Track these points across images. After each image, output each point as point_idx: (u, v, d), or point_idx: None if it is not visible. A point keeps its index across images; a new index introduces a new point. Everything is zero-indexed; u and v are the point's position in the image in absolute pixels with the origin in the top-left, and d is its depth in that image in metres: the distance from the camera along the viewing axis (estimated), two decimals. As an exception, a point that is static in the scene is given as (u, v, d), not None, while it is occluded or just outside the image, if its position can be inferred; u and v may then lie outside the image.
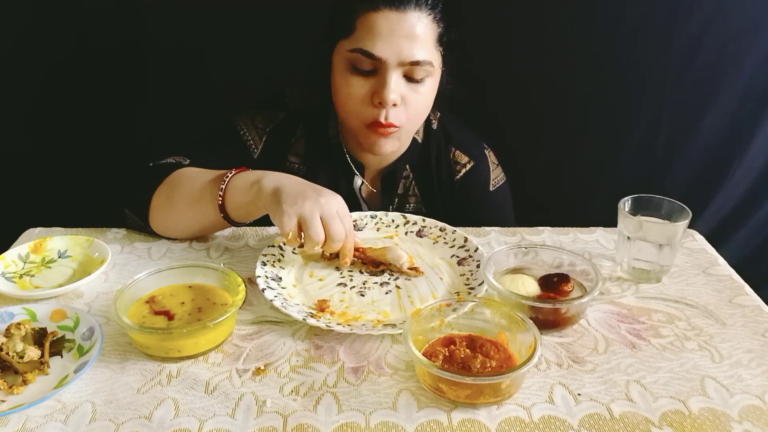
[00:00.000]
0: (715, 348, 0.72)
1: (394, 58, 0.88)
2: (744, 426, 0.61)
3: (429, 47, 0.90)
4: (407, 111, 0.94)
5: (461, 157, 1.11)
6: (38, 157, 1.46)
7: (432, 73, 0.93)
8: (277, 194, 0.79)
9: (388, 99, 0.90)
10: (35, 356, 0.65)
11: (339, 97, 0.95)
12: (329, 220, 0.78)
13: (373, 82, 0.91)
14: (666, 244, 0.83)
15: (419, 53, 0.89)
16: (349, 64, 0.91)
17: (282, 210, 0.77)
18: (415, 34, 0.88)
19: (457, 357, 0.64)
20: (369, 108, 0.93)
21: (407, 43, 0.88)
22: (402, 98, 0.92)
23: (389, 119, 0.92)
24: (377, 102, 0.91)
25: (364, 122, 0.94)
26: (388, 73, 0.89)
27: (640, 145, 1.48)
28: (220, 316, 0.66)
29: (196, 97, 1.38)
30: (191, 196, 0.87)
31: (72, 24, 1.35)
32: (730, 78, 1.40)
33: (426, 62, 0.90)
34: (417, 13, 0.88)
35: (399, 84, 0.91)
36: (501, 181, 1.15)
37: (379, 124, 0.92)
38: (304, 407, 0.62)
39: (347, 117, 0.97)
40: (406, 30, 0.88)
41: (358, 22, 0.89)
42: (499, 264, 0.82)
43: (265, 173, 0.84)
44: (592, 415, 0.62)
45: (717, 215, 1.55)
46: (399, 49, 0.88)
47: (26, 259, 0.85)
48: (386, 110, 0.91)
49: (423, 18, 0.89)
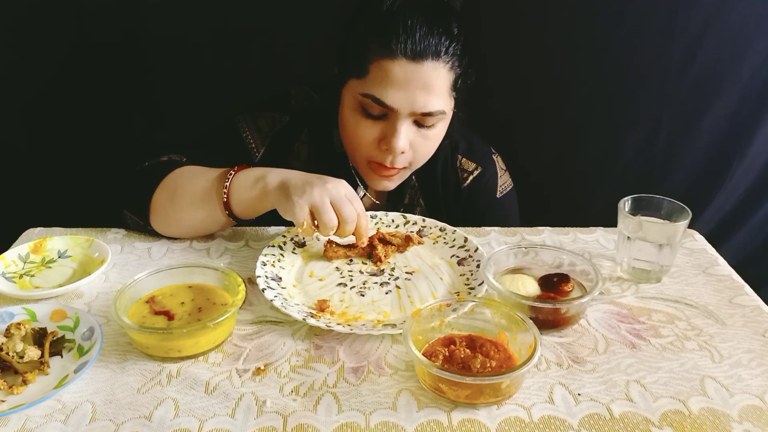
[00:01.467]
0: (715, 348, 0.72)
1: (407, 109, 0.86)
2: (744, 426, 0.61)
3: (443, 96, 0.88)
4: (415, 154, 0.93)
5: (468, 165, 1.09)
6: (38, 156, 1.46)
7: (444, 119, 0.92)
8: (284, 187, 0.79)
9: (397, 147, 0.89)
10: (35, 356, 0.65)
11: (346, 134, 0.95)
12: (339, 204, 0.78)
13: (382, 126, 0.90)
14: (666, 244, 0.83)
15: (433, 104, 0.87)
16: (360, 106, 0.90)
17: (292, 202, 0.78)
18: (431, 85, 0.86)
19: (457, 357, 0.64)
20: (376, 151, 0.92)
21: (422, 95, 0.86)
22: (410, 144, 0.91)
23: (395, 164, 0.92)
24: (384, 148, 0.90)
25: (369, 161, 0.94)
26: (399, 121, 0.88)
27: (640, 145, 1.48)
28: (220, 316, 0.66)
29: (198, 95, 1.39)
30: (194, 194, 0.87)
31: (72, 23, 1.35)
32: (730, 78, 1.40)
33: (439, 112, 0.88)
34: (434, 63, 0.85)
35: (409, 132, 0.89)
36: (508, 187, 1.14)
37: (384, 167, 0.92)
38: (304, 407, 0.62)
39: (353, 153, 0.96)
40: (422, 82, 0.85)
41: (373, 67, 0.86)
42: (499, 264, 0.82)
43: (268, 169, 0.84)
44: (592, 415, 0.62)
45: (717, 215, 1.55)
46: (412, 101, 0.86)
47: (26, 259, 0.85)
48: (393, 156, 0.91)
49: (440, 68, 0.86)
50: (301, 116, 1.05)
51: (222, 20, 1.35)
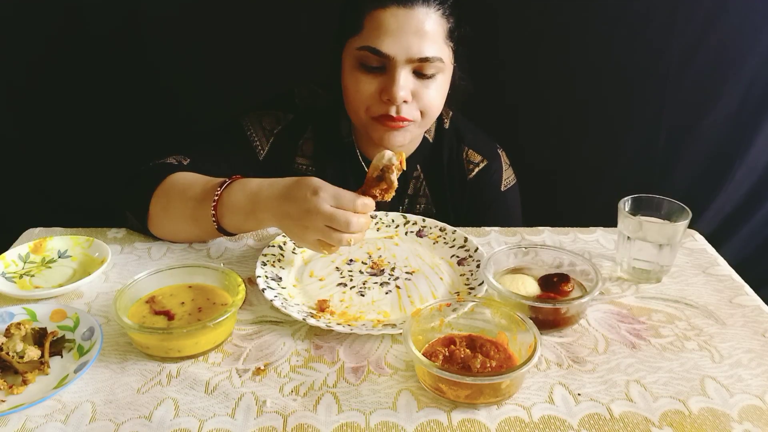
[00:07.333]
0: (715, 348, 0.72)
1: (403, 55, 0.87)
2: (744, 426, 0.61)
3: (438, 43, 0.89)
4: (420, 106, 0.93)
5: (474, 157, 1.09)
6: (39, 156, 1.46)
7: (443, 69, 0.92)
8: (283, 228, 0.80)
9: (397, 96, 0.89)
10: (35, 356, 0.65)
11: (348, 95, 0.95)
12: (335, 221, 0.75)
13: (381, 79, 0.90)
14: (666, 244, 0.83)
15: (428, 49, 0.88)
16: (358, 62, 0.91)
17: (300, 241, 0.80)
18: (424, 30, 0.87)
19: (457, 357, 0.64)
20: (378, 104, 0.92)
21: (416, 40, 0.87)
22: (413, 94, 0.91)
23: (401, 114, 0.91)
24: (386, 99, 0.90)
25: (373, 116, 0.93)
26: (397, 70, 0.88)
27: (640, 145, 1.48)
28: (220, 316, 0.66)
29: (200, 95, 1.39)
30: (185, 210, 0.86)
31: (73, 22, 1.35)
32: (731, 78, 1.40)
33: (436, 58, 0.89)
34: (425, 8, 0.87)
35: (408, 81, 0.90)
36: (512, 182, 1.14)
37: (389, 117, 0.92)
38: (304, 407, 0.62)
39: (356, 113, 0.96)
40: (414, 26, 0.87)
41: (366, 20, 0.88)
42: (499, 264, 0.82)
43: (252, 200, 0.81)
44: (592, 415, 0.62)
45: (717, 215, 1.55)
46: (407, 46, 0.87)
47: (26, 259, 0.85)
48: (397, 106, 0.91)
49: (431, 13, 0.88)
50: (306, 113, 1.05)
51: (226, 19, 1.35)
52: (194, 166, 0.94)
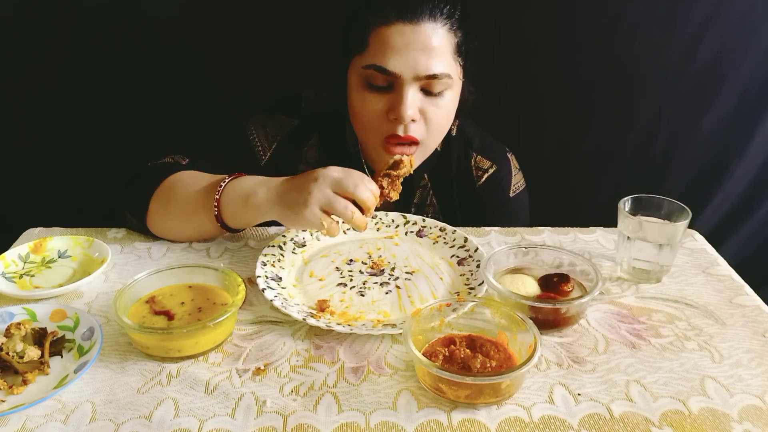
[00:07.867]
0: (715, 348, 0.72)
1: (410, 73, 0.85)
2: (744, 426, 0.61)
3: (446, 59, 0.87)
4: (428, 125, 0.91)
5: (483, 163, 1.08)
6: (38, 156, 1.46)
7: (451, 86, 0.90)
8: (283, 201, 0.78)
9: (405, 115, 0.87)
10: (35, 356, 0.65)
11: (355, 114, 0.93)
12: (343, 186, 0.75)
13: (389, 97, 0.88)
14: (666, 244, 0.83)
15: (436, 66, 0.86)
16: (365, 81, 0.89)
17: (300, 214, 0.76)
18: (431, 46, 0.85)
19: (457, 357, 0.64)
20: (386, 124, 0.90)
21: (423, 57, 0.85)
22: (421, 112, 0.89)
23: (408, 132, 0.89)
24: (393, 118, 0.88)
25: (382, 136, 0.91)
26: (404, 88, 0.86)
27: (640, 144, 1.48)
28: (220, 316, 0.66)
29: (200, 95, 1.38)
30: (186, 207, 0.86)
31: (74, 21, 1.35)
32: (730, 77, 1.40)
33: (444, 75, 0.87)
34: (432, 24, 0.85)
35: (416, 99, 0.88)
36: (521, 187, 1.12)
37: (396, 137, 0.90)
38: (304, 407, 0.62)
39: (365, 133, 0.95)
40: (420, 42, 0.84)
41: (371, 38, 0.86)
42: (499, 264, 0.82)
43: (254, 185, 0.81)
44: (592, 415, 0.62)
45: (717, 215, 1.55)
46: (414, 63, 0.85)
47: (26, 259, 0.85)
48: (404, 125, 0.89)
49: (438, 29, 0.86)
50: (312, 120, 1.03)
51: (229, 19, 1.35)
52: (192, 166, 0.93)
